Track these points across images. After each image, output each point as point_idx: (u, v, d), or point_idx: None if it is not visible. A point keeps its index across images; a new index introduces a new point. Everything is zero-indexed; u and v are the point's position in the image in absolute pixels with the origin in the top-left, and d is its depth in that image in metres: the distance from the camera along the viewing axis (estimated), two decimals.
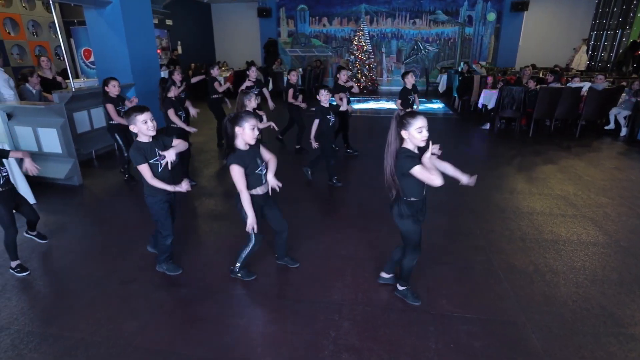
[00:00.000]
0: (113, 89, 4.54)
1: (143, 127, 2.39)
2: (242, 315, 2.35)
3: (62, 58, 8.96)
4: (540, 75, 9.27)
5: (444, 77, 11.52)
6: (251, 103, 3.92)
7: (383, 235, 3.33)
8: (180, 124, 4.17)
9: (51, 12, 7.85)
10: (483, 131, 7.36)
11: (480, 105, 8.03)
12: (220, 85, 6.02)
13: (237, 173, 2.27)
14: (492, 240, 3.24)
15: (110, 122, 4.52)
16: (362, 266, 2.86)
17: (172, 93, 4.25)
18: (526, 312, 2.37)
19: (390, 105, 10.35)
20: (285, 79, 11.03)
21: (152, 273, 2.80)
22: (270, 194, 2.56)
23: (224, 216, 3.77)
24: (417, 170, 2.05)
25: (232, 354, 2.06)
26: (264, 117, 4.53)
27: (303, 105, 5.79)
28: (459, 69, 10.84)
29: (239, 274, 2.69)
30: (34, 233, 3.20)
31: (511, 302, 2.47)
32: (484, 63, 12.57)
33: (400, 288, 2.50)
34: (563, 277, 2.72)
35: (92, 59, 8.21)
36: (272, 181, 2.48)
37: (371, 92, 12.69)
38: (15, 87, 5.20)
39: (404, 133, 2.09)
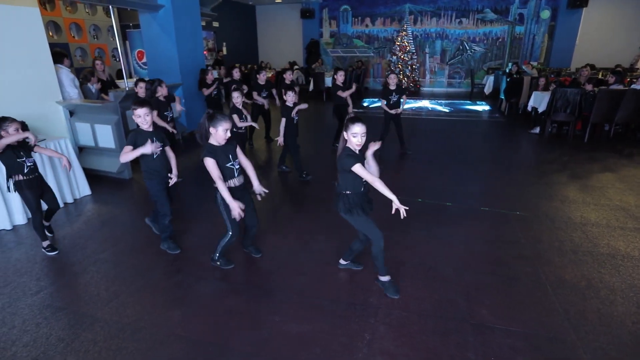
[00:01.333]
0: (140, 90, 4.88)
1: (138, 120, 2.80)
2: (278, 312, 2.39)
3: (118, 59, 9.58)
4: (600, 76, 8.64)
5: (491, 78, 11.05)
6: (238, 100, 4.47)
7: (422, 240, 3.26)
8: (161, 123, 4.36)
9: (110, 17, 8.43)
10: (532, 135, 6.98)
11: (529, 108, 7.62)
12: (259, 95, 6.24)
13: (210, 164, 2.46)
14: (540, 251, 3.07)
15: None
16: (399, 270, 2.81)
17: (160, 93, 4.56)
18: (577, 330, 2.22)
19: (434, 106, 10.09)
20: (328, 79, 11.10)
21: (195, 265, 2.92)
22: (245, 188, 2.73)
23: (270, 216, 3.85)
24: (357, 168, 2.27)
25: (267, 349, 2.10)
26: (248, 117, 4.69)
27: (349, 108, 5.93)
28: (507, 70, 10.36)
29: (218, 263, 2.87)
30: (47, 224, 3.34)
31: (560, 318, 2.32)
32: (535, 63, 11.92)
33: (382, 279, 2.58)
34: (621, 295, 2.52)
35: (144, 60, 8.72)
36: (257, 188, 2.71)
37: (413, 93, 12.45)
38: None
39: (345, 134, 2.34)
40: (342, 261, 2.86)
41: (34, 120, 4.28)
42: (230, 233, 2.73)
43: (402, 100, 5.55)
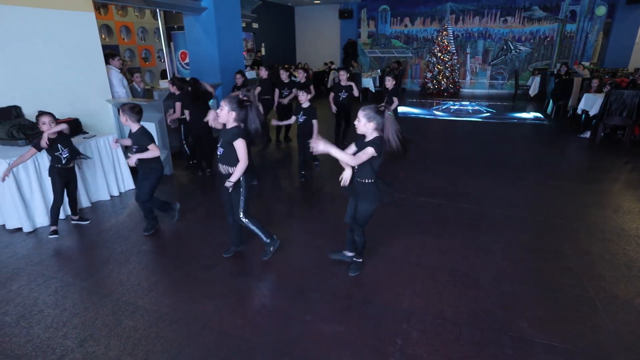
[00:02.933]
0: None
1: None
2: (309, 311, 2.41)
3: (162, 60, 10.04)
4: None
5: (537, 79, 10.52)
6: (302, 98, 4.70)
7: (458, 246, 3.16)
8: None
9: (157, 19, 8.85)
10: (582, 140, 6.57)
11: (579, 111, 7.18)
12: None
13: (244, 146, 2.62)
14: (588, 264, 2.88)
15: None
16: (433, 275, 2.74)
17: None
18: (630, 352, 2.06)
19: (476, 108, 9.76)
20: (365, 80, 11.04)
21: (230, 261, 3.01)
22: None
23: (304, 215, 3.90)
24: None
25: (297, 348, 2.12)
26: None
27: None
28: (554, 71, 9.81)
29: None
30: (77, 217, 3.68)
31: (610, 337, 2.17)
32: (586, 64, 11.21)
33: (357, 260, 2.82)
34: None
35: (187, 60, 9.08)
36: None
37: (452, 94, 12.10)
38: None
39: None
40: (347, 253, 2.92)
41: (85, 117, 4.58)
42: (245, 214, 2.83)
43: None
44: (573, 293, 2.55)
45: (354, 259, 2.83)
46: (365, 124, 2.35)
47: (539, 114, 8.93)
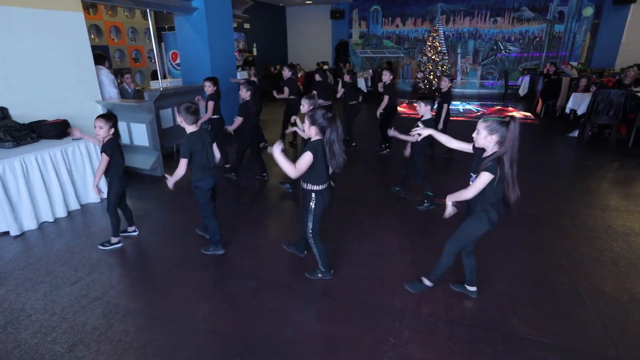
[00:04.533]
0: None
1: None
2: (304, 312, 2.41)
3: (153, 60, 9.95)
4: None
5: (526, 79, 10.64)
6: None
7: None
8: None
9: (148, 20, 8.76)
10: (570, 139, 6.67)
11: (567, 111, 7.28)
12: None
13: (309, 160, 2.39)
14: (577, 261, 2.92)
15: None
16: (425, 274, 2.75)
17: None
18: (617, 347, 2.10)
19: (465, 107, 9.84)
20: (360, 80, 11.05)
21: (223, 263, 2.99)
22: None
23: (292, 213, 3.89)
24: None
25: (292, 348, 2.12)
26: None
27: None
28: (544, 70, 9.94)
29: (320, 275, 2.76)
30: (132, 229, 3.49)
31: (598, 332, 2.20)
32: (574, 64, 11.37)
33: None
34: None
35: (178, 60, 9.01)
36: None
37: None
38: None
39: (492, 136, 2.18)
40: (469, 287, 2.55)
41: (75, 119, 4.52)
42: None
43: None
44: (564, 290, 2.58)
45: (424, 278, 2.57)
46: (485, 137, 2.11)
47: (528, 114, 9.03)
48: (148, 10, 5.99)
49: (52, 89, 4.41)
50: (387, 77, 5.49)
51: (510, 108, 9.82)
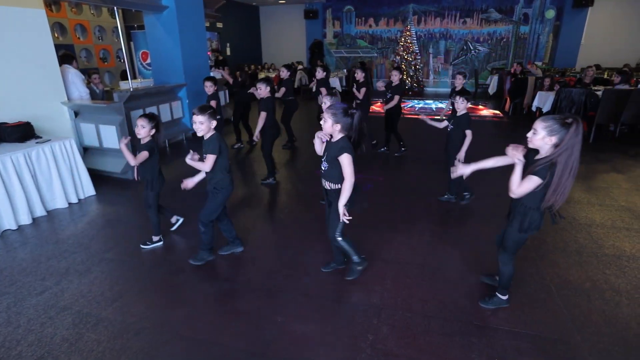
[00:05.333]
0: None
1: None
2: (282, 312, 2.39)
3: (122, 60, 9.63)
4: (605, 76, 8.58)
5: (495, 78, 11.01)
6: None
7: (426, 240, 3.25)
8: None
9: (115, 18, 8.48)
10: None
11: (534, 109, 7.58)
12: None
13: (350, 161, 2.33)
14: (544, 252, 3.05)
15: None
16: (403, 271, 2.80)
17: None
18: (581, 332, 2.20)
19: (438, 106, 10.06)
20: (335, 80, 11.07)
21: (199, 266, 2.93)
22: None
23: (275, 216, 3.86)
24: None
25: (270, 349, 2.10)
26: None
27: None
28: (511, 70, 10.31)
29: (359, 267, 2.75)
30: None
31: (564, 320, 2.30)
32: (539, 64, 11.86)
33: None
34: (626, 297, 2.50)
35: (148, 60, 8.76)
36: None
37: (416, 93, 12.42)
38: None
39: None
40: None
41: (39, 121, 4.31)
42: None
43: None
44: (532, 281, 2.68)
45: (498, 293, 2.42)
46: (543, 138, 1.95)
47: (497, 111, 9.33)
48: (115, 8, 5.78)
49: (12, 90, 4.19)
50: (396, 77, 5.46)
51: (480, 106, 10.12)
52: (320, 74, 5.73)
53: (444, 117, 4.33)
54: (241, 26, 14.29)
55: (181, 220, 3.53)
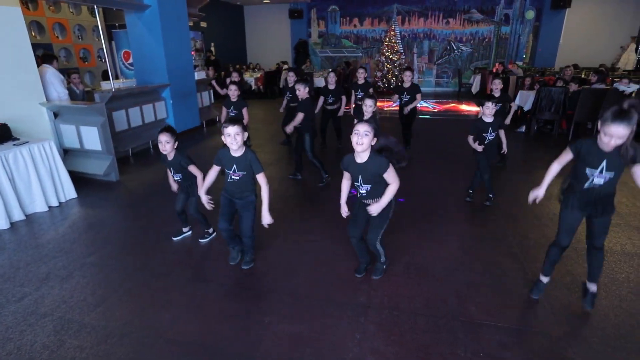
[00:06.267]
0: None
1: (227, 140, 2.48)
2: (270, 313, 2.38)
3: (103, 60, 9.42)
4: (583, 75, 8.82)
5: (478, 77, 11.19)
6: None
7: (412, 239, 3.28)
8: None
9: (95, 17, 8.29)
10: (518, 134, 7.09)
11: (515, 107, 7.73)
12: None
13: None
14: (527, 248, 3.12)
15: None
16: (389, 269, 2.82)
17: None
18: (562, 324, 2.26)
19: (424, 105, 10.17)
20: (317, 80, 11.07)
21: (184, 267, 2.89)
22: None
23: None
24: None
25: (258, 351, 2.09)
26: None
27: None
28: (493, 70, 10.50)
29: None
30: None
31: (546, 313, 2.36)
32: (520, 63, 12.10)
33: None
34: (604, 290, 2.58)
35: (130, 60, 8.60)
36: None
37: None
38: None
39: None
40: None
41: (16, 122, 4.18)
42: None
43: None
44: (516, 276, 2.74)
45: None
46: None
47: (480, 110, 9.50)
48: (95, 6, 5.65)
49: None
50: (409, 78, 5.54)
51: (463, 106, 10.27)
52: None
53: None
54: (225, 26, 14.16)
55: (189, 233, 3.41)
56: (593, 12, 12.14)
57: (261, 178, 2.58)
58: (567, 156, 2.24)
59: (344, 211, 2.53)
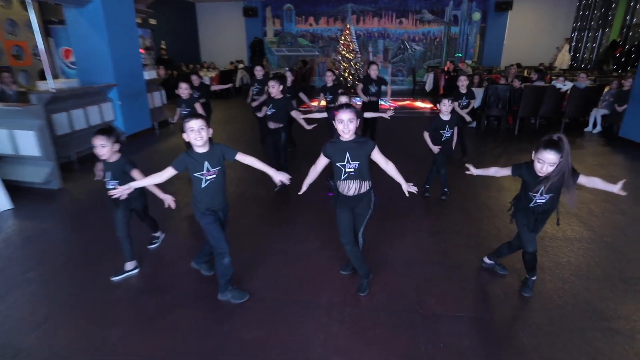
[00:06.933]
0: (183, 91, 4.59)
1: (191, 135, 2.21)
2: (227, 321, 2.30)
3: (39, 58, 8.72)
4: (525, 73, 9.43)
5: (431, 76, 11.61)
6: None
7: (371, 234, 3.31)
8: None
9: (28, 11, 7.64)
10: (469, 129, 7.42)
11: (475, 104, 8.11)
12: None
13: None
14: (480, 239, 3.26)
15: None
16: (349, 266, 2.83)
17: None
18: (514, 310, 2.38)
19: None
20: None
21: (135, 279, 2.73)
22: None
23: None
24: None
25: (218, 359, 2.01)
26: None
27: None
28: (444, 68, 10.94)
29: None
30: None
31: (499, 300, 2.48)
32: (469, 62, 12.72)
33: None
34: (549, 274, 2.75)
35: (72, 58, 8.02)
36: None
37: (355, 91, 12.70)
38: None
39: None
40: (486, 260, 2.82)
41: None
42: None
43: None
44: (471, 267, 2.85)
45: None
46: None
47: (434, 107, 9.86)
48: (26, 0, 5.20)
49: None
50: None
51: (417, 103, 10.61)
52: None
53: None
54: (177, 23, 13.64)
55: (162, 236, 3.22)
56: (532, 15, 13.03)
57: (241, 156, 2.35)
58: (506, 172, 2.53)
59: (303, 189, 2.47)
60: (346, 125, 2.22)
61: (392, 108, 4.86)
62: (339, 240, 3.21)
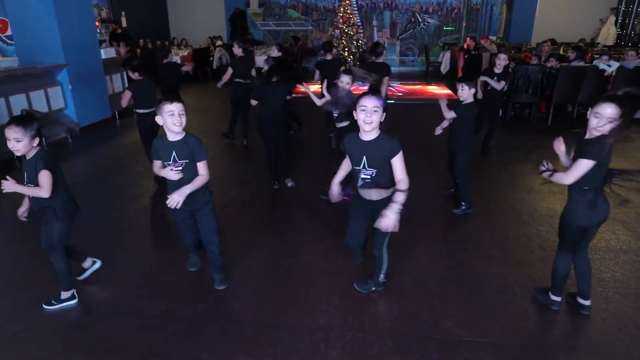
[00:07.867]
0: None
1: (169, 120, 2.36)
2: (208, 348, 2.32)
3: None
4: (561, 51, 9.49)
5: (447, 55, 11.67)
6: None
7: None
8: None
9: None
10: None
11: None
12: None
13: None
14: (507, 250, 3.30)
15: None
16: (350, 283, 2.85)
17: None
18: (548, 335, 2.42)
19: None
20: (258, 59, 10.94)
21: (94, 300, 2.74)
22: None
23: None
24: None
25: None
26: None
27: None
28: (464, 46, 11.02)
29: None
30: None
31: (530, 323, 2.52)
32: (494, 38, 12.81)
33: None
34: (592, 292, 2.79)
35: (8, 32, 7.98)
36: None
37: None
38: None
39: None
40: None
41: None
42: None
43: None
44: (496, 283, 2.89)
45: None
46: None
47: (452, 92, 9.93)
48: None
49: None
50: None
51: (431, 88, 10.68)
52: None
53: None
54: None
55: (98, 263, 2.99)
56: None
57: (202, 167, 2.49)
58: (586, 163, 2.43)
59: (334, 192, 2.52)
60: (369, 114, 2.22)
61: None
62: (337, 251, 3.25)
